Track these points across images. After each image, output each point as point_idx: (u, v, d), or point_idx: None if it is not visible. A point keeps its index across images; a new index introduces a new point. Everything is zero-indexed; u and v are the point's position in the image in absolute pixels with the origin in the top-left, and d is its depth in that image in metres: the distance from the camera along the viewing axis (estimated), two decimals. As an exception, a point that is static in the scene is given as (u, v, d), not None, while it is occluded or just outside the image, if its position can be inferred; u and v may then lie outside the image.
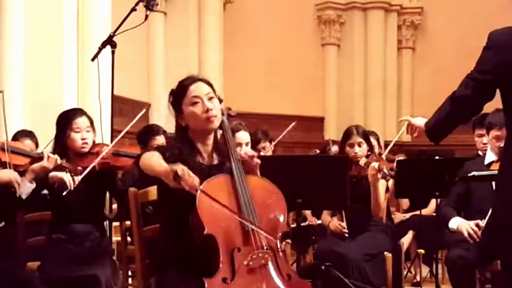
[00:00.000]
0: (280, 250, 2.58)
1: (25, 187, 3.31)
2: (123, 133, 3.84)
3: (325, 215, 4.51)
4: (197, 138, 2.70)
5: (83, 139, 3.57)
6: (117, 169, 3.66)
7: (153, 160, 2.51)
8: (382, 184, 4.13)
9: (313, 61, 10.36)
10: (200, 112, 2.63)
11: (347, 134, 4.26)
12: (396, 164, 4.42)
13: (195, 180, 2.40)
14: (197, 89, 2.67)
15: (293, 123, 5.54)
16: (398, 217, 5.73)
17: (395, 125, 10.47)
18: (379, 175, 3.99)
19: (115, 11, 5.30)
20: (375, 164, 3.98)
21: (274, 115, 9.81)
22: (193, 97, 2.64)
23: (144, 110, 3.95)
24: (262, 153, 5.14)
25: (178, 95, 2.69)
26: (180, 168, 2.37)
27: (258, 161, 2.72)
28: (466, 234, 3.69)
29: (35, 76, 4.97)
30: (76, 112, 3.68)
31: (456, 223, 3.81)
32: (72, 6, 5.11)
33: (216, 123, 2.68)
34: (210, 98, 2.66)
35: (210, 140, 2.72)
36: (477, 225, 3.68)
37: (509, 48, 2.26)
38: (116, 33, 4.20)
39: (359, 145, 4.20)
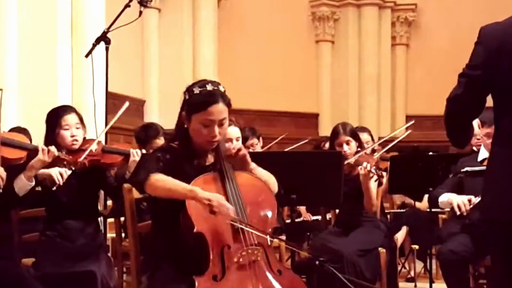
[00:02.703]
0: (270, 246, 2.58)
1: (22, 184, 3.28)
2: (107, 127, 3.82)
3: None
4: (197, 141, 2.69)
5: (72, 136, 3.55)
6: (107, 166, 3.66)
7: (170, 185, 2.48)
8: (372, 181, 4.13)
9: (307, 58, 10.38)
10: (205, 134, 2.61)
11: (335, 133, 4.24)
12: (390, 160, 4.43)
13: (230, 210, 2.43)
14: (215, 113, 2.58)
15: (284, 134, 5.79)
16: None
17: (389, 121, 10.50)
18: (370, 174, 3.99)
19: (109, 7, 5.29)
20: (366, 165, 3.98)
21: (268, 111, 9.83)
22: (207, 119, 2.59)
23: (127, 104, 3.87)
24: (250, 150, 5.15)
25: (195, 106, 2.61)
26: (217, 202, 2.41)
27: (245, 152, 2.71)
28: (455, 205, 3.70)
29: (29, 73, 4.96)
30: (65, 109, 3.65)
31: (448, 196, 3.83)
32: (66, 2, 5.10)
33: (214, 145, 2.67)
34: (222, 124, 2.62)
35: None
36: (469, 200, 3.70)
37: (499, 43, 2.26)
38: (110, 30, 4.20)
39: (347, 144, 4.19)
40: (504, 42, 2.25)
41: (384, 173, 4.10)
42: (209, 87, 2.61)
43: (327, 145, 6.03)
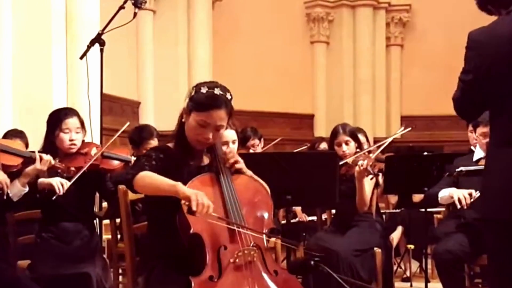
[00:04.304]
0: (266, 247, 2.58)
1: (17, 190, 3.30)
2: (109, 142, 3.81)
3: None
4: (189, 137, 2.69)
5: (71, 140, 3.56)
6: (106, 171, 3.66)
7: (157, 181, 2.48)
8: (367, 181, 4.14)
9: (302, 59, 10.38)
10: (199, 133, 2.61)
11: (334, 133, 4.28)
12: (385, 161, 4.44)
13: (210, 209, 2.39)
14: (214, 117, 2.58)
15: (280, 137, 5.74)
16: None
17: (384, 121, 10.52)
18: (365, 173, 4.00)
19: (103, 9, 5.29)
20: (362, 162, 4.00)
21: (263, 112, 9.83)
22: (205, 121, 2.59)
23: (128, 124, 3.90)
24: (251, 150, 5.16)
25: (197, 105, 2.60)
26: (195, 202, 2.35)
27: (242, 166, 2.71)
28: (456, 198, 3.72)
29: (24, 75, 4.95)
30: (67, 113, 3.66)
31: (448, 190, 3.85)
32: (60, 4, 5.09)
33: (204, 147, 2.68)
34: (218, 130, 2.62)
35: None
36: (470, 194, 3.71)
37: (488, 47, 2.29)
38: (104, 31, 4.19)
39: (347, 144, 4.21)
40: (491, 45, 2.29)
41: (380, 173, 4.12)
42: (216, 91, 2.61)
43: (321, 145, 6.05)
